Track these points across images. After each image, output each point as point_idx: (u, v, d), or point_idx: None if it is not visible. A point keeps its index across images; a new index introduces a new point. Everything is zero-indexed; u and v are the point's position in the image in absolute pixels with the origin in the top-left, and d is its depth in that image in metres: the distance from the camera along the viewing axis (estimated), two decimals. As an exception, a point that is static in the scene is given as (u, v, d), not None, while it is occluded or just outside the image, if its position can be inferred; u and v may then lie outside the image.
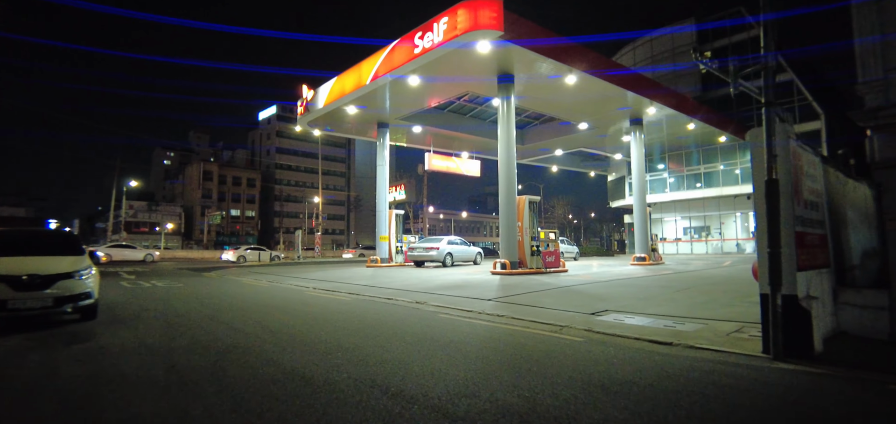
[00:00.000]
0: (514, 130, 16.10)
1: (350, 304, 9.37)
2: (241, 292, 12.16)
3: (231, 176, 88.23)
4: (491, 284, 12.38)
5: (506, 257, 15.36)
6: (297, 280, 15.19)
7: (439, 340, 5.78)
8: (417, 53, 14.71)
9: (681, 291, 10.45)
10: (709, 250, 33.14)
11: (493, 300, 9.41)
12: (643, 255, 21.40)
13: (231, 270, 22.69)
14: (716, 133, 27.14)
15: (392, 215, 23.33)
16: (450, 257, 21.33)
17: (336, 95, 19.10)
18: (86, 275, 7.01)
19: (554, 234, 17.08)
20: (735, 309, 7.83)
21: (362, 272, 18.68)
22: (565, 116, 23.23)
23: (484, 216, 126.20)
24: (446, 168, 26.21)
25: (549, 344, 5.61)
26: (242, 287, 13.45)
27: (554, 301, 9.07)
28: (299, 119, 22.34)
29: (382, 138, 23.03)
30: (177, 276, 18.27)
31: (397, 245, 23.70)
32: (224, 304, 9.43)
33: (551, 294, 10.10)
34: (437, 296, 10.08)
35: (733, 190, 30.60)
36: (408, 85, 17.27)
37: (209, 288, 13.07)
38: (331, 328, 6.64)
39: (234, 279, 16.58)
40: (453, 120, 24.46)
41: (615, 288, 11.24)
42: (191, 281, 15.57)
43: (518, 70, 16.05)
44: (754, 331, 6.05)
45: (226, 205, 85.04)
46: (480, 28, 13.03)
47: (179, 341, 5.74)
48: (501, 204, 15.90)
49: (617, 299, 9.31)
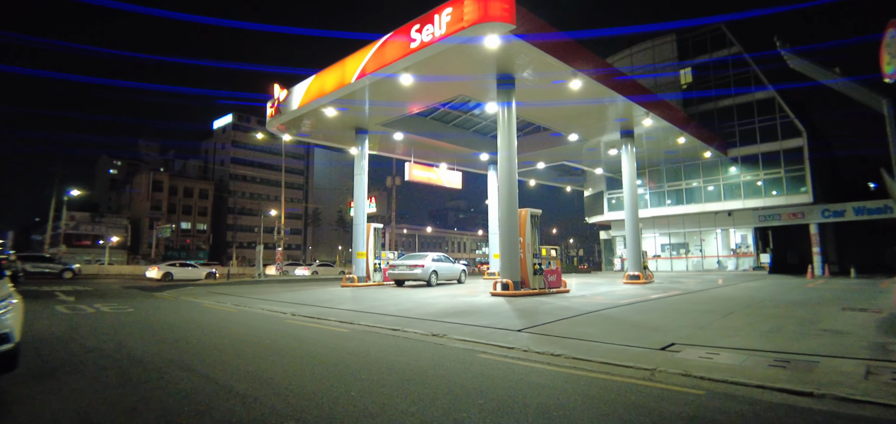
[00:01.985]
0: (515, 135, 14.78)
1: (353, 339, 7.63)
2: (208, 320, 10.12)
3: (182, 187, 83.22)
4: (502, 309, 10.88)
5: (508, 277, 13.92)
6: (269, 304, 13.16)
7: (521, 401, 4.21)
8: (414, 47, 13.18)
9: (726, 316, 9.27)
10: (689, 267, 32.97)
11: (523, 330, 7.91)
12: (636, 273, 20.50)
13: (186, 290, 20.12)
14: (700, 148, 26.96)
15: (370, 230, 21.49)
16: (435, 276, 19.70)
17: (314, 94, 17.24)
18: (1, 310, 4.96)
19: (555, 251, 15.81)
20: (822, 341, 6.65)
21: (339, 293, 16.74)
22: (557, 126, 22.23)
23: (446, 231, 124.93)
24: (427, 179, 24.77)
25: (667, 402, 4.15)
26: (206, 313, 11.36)
27: (597, 332, 7.67)
28: (268, 121, 20.25)
29: (361, 145, 21.25)
30: (125, 297, 15.76)
31: (375, 263, 21.83)
32: (193, 340, 7.47)
33: (584, 322, 8.70)
34: (450, 326, 8.47)
35: (714, 206, 30.56)
36: (398, 85, 15.69)
37: (167, 315, 10.91)
38: (356, 381, 4.93)
39: (194, 302, 14.33)
40: (436, 128, 23.02)
41: (646, 313, 9.98)
42: (143, 304, 13.23)
43: (520, 71, 14.81)
44: (888, 374, 4.83)
45: (176, 218, 79.99)
46: (490, 20, 11.68)
47: (146, 415, 3.88)
48: (502, 218, 14.48)
49: (667, 328, 8.01)
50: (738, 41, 30.53)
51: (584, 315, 9.56)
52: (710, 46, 31.64)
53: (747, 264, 30.37)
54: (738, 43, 30.43)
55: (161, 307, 12.84)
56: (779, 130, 28.08)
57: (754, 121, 29.14)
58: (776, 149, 28.19)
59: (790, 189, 27.72)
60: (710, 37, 31.67)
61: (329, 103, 17.38)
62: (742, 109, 29.85)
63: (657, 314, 9.73)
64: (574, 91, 15.97)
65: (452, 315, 9.87)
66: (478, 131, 25.20)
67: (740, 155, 29.67)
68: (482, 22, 11.74)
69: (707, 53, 31.85)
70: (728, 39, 30.89)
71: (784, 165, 27.93)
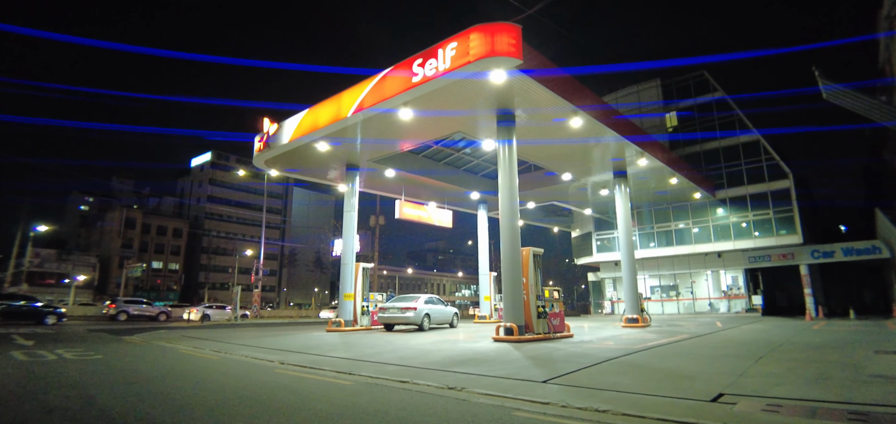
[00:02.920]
0: (516, 173, 14.34)
1: (359, 393, 6.75)
2: (188, 369, 9.06)
3: (156, 225, 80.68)
4: (512, 356, 10.10)
5: (512, 321, 13.15)
6: (251, 350, 12.06)
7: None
8: (416, 81, 12.76)
9: (758, 361, 8.66)
10: (680, 309, 32.64)
11: (548, 382, 7.15)
12: (635, 316, 19.96)
13: (159, 334, 18.65)
14: (690, 190, 27.06)
15: (358, 270, 20.55)
16: (427, 320, 18.78)
17: (307, 128, 16.59)
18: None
19: (557, 292, 15.16)
20: (881, 389, 6.05)
21: (327, 338, 15.61)
22: (552, 165, 21.99)
23: (426, 273, 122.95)
24: (418, 217, 24.14)
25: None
26: (185, 361, 10.25)
27: (630, 382, 6.97)
28: (256, 156, 19.45)
29: (352, 182, 20.54)
30: (90, 341, 14.38)
31: (363, 305, 20.76)
32: (176, 394, 6.48)
33: (609, 371, 8.00)
34: (464, 377, 7.66)
35: (704, 248, 30.56)
36: (395, 120, 15.20)
37: (141, 363, 9.78)
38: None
39: (169, 348, 13.10)
40: (428, 165, 22.55)
41: (670, 359, 9.33)
42: (111, 350, 11.97)
43: (521, 107, 14.50)
44: None
45: (148, 256, 77.06)
46: (497, 54, 11.36)
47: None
48: (504, 259, 13.81)
49: (703, 375, 7.34)
50: (720, 86, 31.36)
51: (605, 363, 8.86)
52: (693, 91, 32.41)
53: (739, 306, 30.20)
54: (721, 87, 31.25)
55: (132, 353, 11.63)
56: (765, 173, 28.54)
57: (741, 163, 29.63)
58: (764, 190, 28.58)
59: (780, 230, 27.96)
60: (693, 82, 32.49)
61: (322, 138, 16.75)
62: (728, 152, 30.38)
63: (683, 360, 9.08)
64: (574, 129, 15.74)
65: (460, 364, 9.04)
66: (469, 170, 24.84)
67: (728, 197, 29.98)
68: (489, 56, 11.42)
69: (691, 96, 32.60)
70: (711, 85, 31.71)
71: (772, 206, 28.26)
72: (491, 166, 24.64)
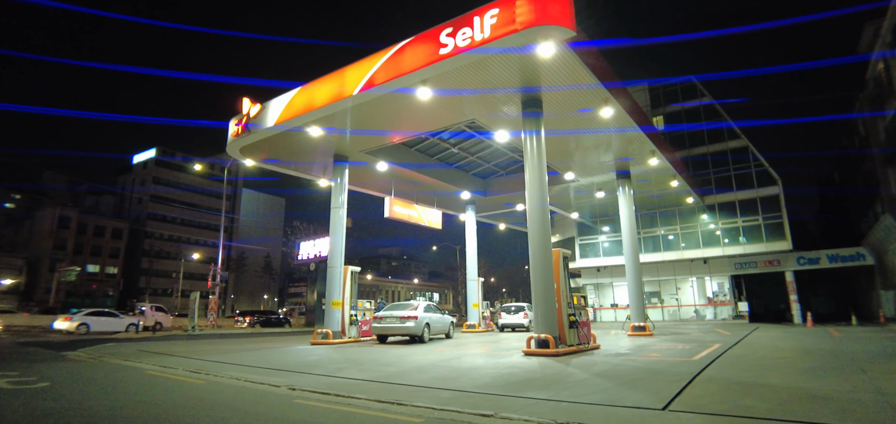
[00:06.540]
0: (545, 167, 12.82)
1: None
2: (170, 401, 6.84)
3: (93, 225, 73.92)
4: (569, 373, 8.52)
5: (546, 332, 11.56)
6: (239, 370, 9.80)
7: None
8: (444, 53, 10.98)
9: (859, 373, 7.42)
10: (665, 316, 32.27)
11: (667, 408, 5.60)
12: (642, 324, 18.90)
13: (107, 347, 15.62)
14: (684, 194, 26.61)
15: (347, 274, 18.39)
16: (428, 330, 16.94)
17: (299, 109, 14.35)
18: None
19: (584, 298, 13.73)
20: None
21: (319, 352, 13.40)
22: (556, 164, 20.66)
23: (381, 279, 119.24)
24: (408, 217, 22.30)
25: None
26: (159, 388, 7.94)
27: (765, 405, 5.48)
28: (230, 142, 16.91)
29: (341, 176, 18.39)
30: (25, 360, 11.54)
31: (352, 314, 18.58)
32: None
33: (718, 391, 6.49)
34: (554, 405, 5.97)
35: (691, 254, 30.30)
36: (405, 102, 13.38)
37: (103, 392, 7.43)
38: None
39: (129, 367, 10.60)
40: (421, 159, 20.72)
41: (763, 374, 7.97)
42: (55, 373, 9.34)
43: (556, 88, 12.96)
44: None
45: (83, 259, 70.33)
46: (548, 23, 9.81)
47: None
48: (534, 264, 12.21)
49: (836, 396, 5.97)
50: (708, 92, 31.42)
51: (697, 380, 7.40)
52: (681, 96, 32.34)
53: (725, 312, 30.13)
54: (708, 93, 31.31)
55: (85, 376, 9.13)
56: (754, 178, 28.63)
57: (729, 169, 29.67)
58: (753, 196, 28.66)
59: (769, 237, 28.06)
60: (680, 88, 32.45)
61: (317, 120, 14.59)
62: (716, 157, 30.38)
63: (778, 375, 7.74)
64: (603, 119, 14.43)
65: (520, 387, 7.37)
66: (460, 167, 23.18)
67: (717, 202, 29.94)
68: (538, 24, 9.84)
69: (679, 100, 32.53)
70: (699, 91, 31.72)
71: (762, 212, 28.36)
72: (484, 164, 23.12)
